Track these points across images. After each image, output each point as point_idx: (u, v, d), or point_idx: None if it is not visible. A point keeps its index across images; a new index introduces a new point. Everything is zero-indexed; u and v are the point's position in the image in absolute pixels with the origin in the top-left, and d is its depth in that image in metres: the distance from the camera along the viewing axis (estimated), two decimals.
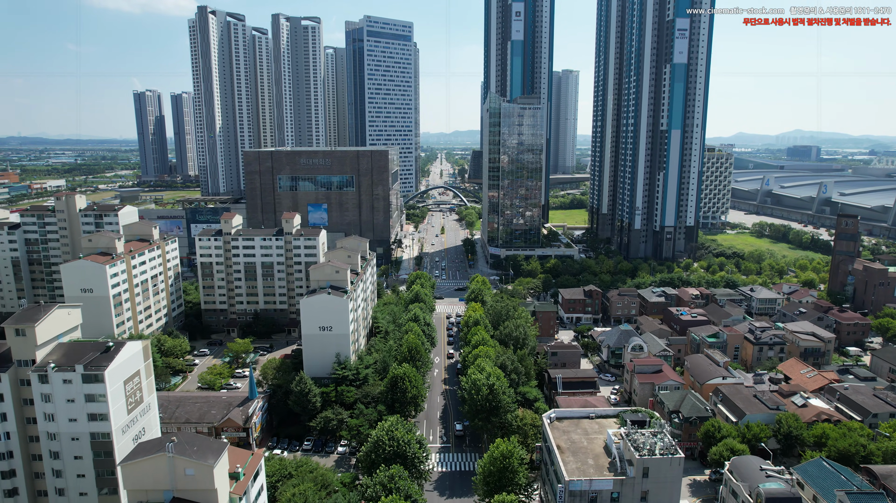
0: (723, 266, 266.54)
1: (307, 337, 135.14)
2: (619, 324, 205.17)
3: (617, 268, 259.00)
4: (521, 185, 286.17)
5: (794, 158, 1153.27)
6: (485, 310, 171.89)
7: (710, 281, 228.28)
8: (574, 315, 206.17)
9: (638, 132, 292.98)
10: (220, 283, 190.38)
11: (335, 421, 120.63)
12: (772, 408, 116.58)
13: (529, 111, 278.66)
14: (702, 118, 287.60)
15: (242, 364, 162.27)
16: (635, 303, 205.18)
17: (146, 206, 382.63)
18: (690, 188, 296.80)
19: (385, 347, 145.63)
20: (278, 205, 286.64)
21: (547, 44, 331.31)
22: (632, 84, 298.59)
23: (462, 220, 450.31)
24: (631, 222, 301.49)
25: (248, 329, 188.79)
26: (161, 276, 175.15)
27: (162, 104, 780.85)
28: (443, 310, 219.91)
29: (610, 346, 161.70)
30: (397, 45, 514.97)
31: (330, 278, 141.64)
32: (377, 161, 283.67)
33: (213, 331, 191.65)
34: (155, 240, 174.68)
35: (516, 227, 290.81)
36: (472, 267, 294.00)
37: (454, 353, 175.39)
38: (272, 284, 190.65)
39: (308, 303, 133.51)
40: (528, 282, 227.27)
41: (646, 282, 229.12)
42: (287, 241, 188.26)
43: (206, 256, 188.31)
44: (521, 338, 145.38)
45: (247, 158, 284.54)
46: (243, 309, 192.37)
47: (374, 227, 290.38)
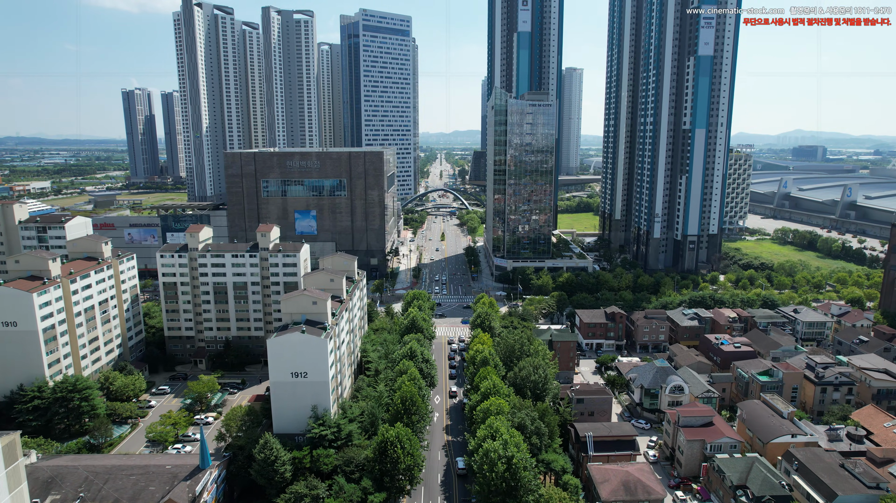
0: (753, 280, 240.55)
1: (277, 385, 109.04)
2: (646, 350, 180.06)
3: (637, 283, 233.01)
4: (529, 189, 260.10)
5: (801, 158, 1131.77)
6: (493, 341, 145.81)
7: (744, 299, 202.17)
8: (594, 341, 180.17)
9: (657, 132, 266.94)
10: (186, 307, 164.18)
11: (308, 498, 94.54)
12: (870, 485, 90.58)
13: (538, 108, 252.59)
14: (727, 116, 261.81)
15: (206, 407, 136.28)
16: (664, 328, 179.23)
17: (120, 213, 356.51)
18: (714, 193, 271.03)
19: (374, 394, 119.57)
20: (263, 211, 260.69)
21: (556, 35, 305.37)
22: (650, 80, 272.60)
23: (463, 226, 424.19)
24: (649, 230, 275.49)
25: (217, 360, 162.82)
26: (113, 301, 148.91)
27: (152, 103, 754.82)
28: (444, 334, 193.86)
29: (644, 386, 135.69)
30: (395, 41, 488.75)
31: (305, 310, 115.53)
32: (371, 163, 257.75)
33: (178, 362, 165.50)
34: (105, 257, 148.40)
35: (523, 235, 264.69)
36: (476, 279, 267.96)
37: (457, 391, 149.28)
38: (246, 308, 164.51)
39: (277, 345, 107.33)
40: (540, 302, 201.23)
41: (672, 300, 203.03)
42: (263, 258, 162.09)
43: (170, 275, 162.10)
44: (540, 383, 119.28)
45: (228, 160, 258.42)
46: (213, 336, 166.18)
47: (368, 235, 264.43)
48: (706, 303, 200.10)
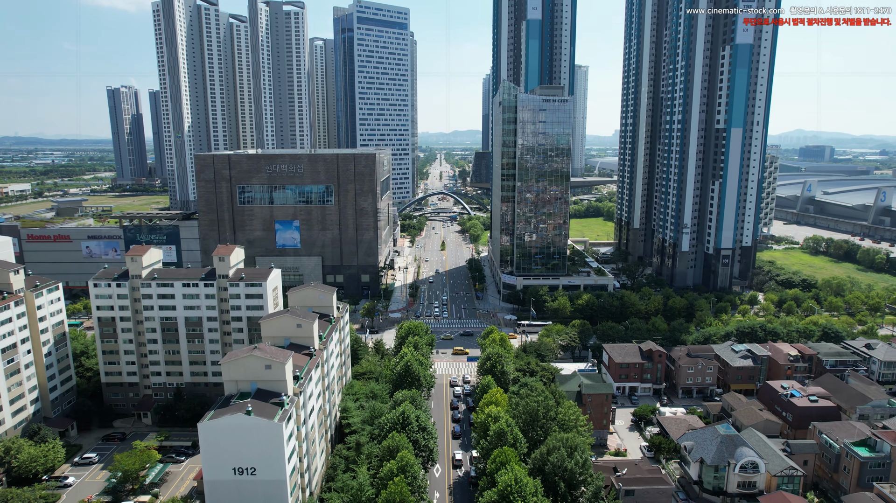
0: (800, 302, 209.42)
1: (213, 486, 78.00)
2: (690, 396, 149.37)
3: (667, 306, 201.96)
4: (541, 196, 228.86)
5: (808, 159, 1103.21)
6: (509, 400, 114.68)
7: (800, 330, 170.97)
8: (627, 384, 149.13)
9: (686, 131, 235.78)
10: (128, 347, 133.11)
11: None
12: None
13: (553, 104, 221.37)
14: (764, 113, 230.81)
15: (139, 486, 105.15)
16: (712, 369, 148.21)
17: (81, 222, 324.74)
18: (749, 200, 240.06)
19: (353, 485, 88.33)
20: (239, 222, 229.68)
21: (568, 24, 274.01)
22: (678, 73, 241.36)
23: (465, 233, 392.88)
24: (676, 242, 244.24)
25: (166, 412, 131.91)
26: (25, 345, 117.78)
27: (139, 101, 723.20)
28: (445, 371, 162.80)
29: (704, 461, 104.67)
30: (392, 34, 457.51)
31: (256, 377, 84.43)
32: (362, 166, 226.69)
33: (118, 415, 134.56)
34: (15, 290, 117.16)
35: (534, 248, 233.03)
36: (481, 299, 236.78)
37: (462, 459, 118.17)
38: (201, 348, 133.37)
39: (212, 431, 76.18)
40: (559, 332, 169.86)
41: (716, 331, 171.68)
42: (221, 287, 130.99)
43: (106, 309, 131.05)
44: (576, 472, 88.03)
45: (199, 164, 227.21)
46: (161, 383, 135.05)
47: (359, 248, 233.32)
48: (756, 335, 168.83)
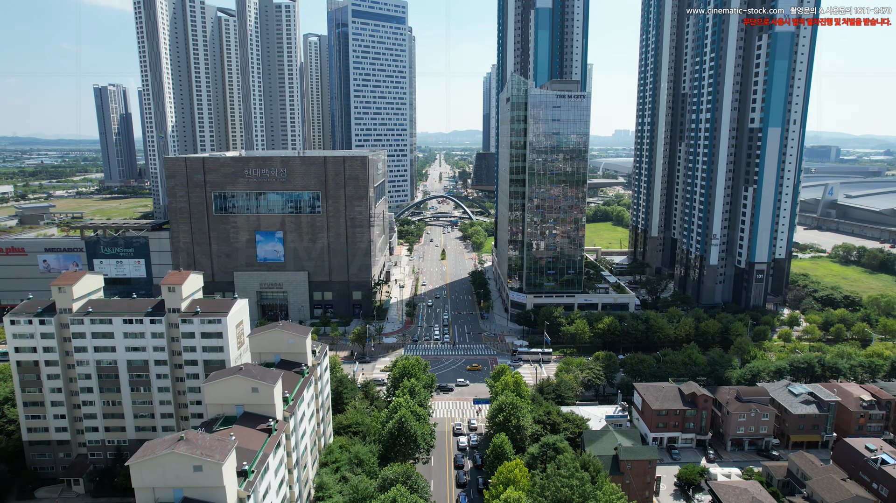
0: (849, 324, 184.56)
1: None
2: (741, 449, 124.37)
3: (698, 329, 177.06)
4: (555, 202, 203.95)
5: (814, 159, 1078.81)
6: (531, 478, 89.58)
7: (867, 365, 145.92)
8: (665, 434, 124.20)
9: (716, 131, 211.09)
10: (56, 397, 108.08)
11: None
12: None
13: (568, 101, 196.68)
14: (802, 111, 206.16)
15: None
16: (768, 417, 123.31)
17: (43, 231, 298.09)
18: (784, 208, 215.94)
19: None
20: (214, 233, 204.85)
21: (581, 13, 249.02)
22: (705, 66, 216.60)
23: (467, 240, 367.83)
24: (703, 255, 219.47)
25: (104, 478, 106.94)
26: None
27: (128, 100, 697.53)
28: (447, 415, 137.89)
29: None
30: (389, 29, 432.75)
31: (183, 483, 59.56)
32: (353, 170, 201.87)
33: (43, 482, 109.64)
34: None
35: (546, 260, 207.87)
36: (487, 319, 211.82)
37: None
38: (148, 398, 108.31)
39: None
40: (582, 366, 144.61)
41: (765, 367, 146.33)
42: (171, 324, 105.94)
43: (28, 350, 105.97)
44: None
45: (169, 167, 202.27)
46: (98, 440, 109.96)
47: (351, 262, 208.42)
48: (814, 371, 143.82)
